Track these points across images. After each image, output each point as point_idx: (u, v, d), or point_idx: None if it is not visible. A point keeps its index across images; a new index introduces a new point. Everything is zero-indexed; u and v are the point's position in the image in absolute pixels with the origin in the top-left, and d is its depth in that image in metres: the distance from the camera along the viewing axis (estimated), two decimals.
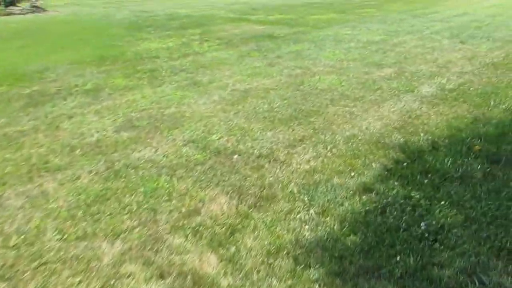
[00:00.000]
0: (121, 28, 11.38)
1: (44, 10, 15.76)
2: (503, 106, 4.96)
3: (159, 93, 5.75)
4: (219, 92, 5.75)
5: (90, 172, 3.52)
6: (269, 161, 3.68)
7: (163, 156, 3.79)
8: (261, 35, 10.03)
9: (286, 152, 3.86)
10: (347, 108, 5.00)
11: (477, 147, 3.79)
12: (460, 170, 3.40)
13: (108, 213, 2.93)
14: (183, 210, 2.96)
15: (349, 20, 12.34)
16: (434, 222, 2.75)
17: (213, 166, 3.60)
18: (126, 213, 2.93)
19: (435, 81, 6.08)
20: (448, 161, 3.54)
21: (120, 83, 6.23)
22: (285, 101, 5.30)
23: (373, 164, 3.57)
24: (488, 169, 3.42)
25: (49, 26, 12.10)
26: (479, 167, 3.45)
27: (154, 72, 6.78)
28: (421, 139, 4.07)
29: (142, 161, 3.70)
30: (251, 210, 2.96)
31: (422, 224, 2.72)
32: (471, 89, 5.68)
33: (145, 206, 3.00)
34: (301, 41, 9.13)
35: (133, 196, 3.14)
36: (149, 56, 7.87)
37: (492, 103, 5.06)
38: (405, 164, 3.55)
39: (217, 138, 4.18)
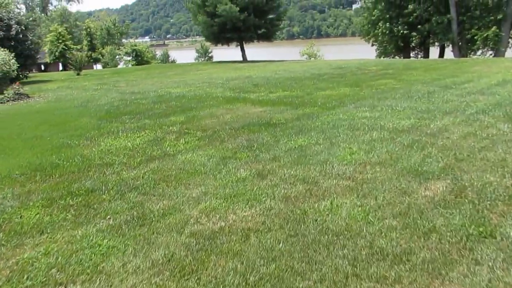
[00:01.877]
0: (95, 117, 9.52)
1: (28, 97, 14.25)
2: None
3: (76, 242, 3.59)
4: (169, 239, 3.56)
5: None
6: None
7: None
8: (257, 122, 8.00)
9: None
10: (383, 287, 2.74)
11: None
12: None
13: None
14: None
15: (366, 96, 10.33)
16: None
17: None
18: None
19: None
20: None
21: (31, 218, 4.11)
22: (273, 265, 3.06)
23: None
24: None
25: (12, 118, 10.34)
26: None
27: (91, 195, 4.66)
28: None
29: None
30: None
31: None
32: None
33: None
34: (307, 131, 7.04)
35: None
36: (101, 163, 5.81)
37: None
38: None
39: None
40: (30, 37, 20.84)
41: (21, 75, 21.20)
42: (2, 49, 15.54)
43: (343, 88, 11.98)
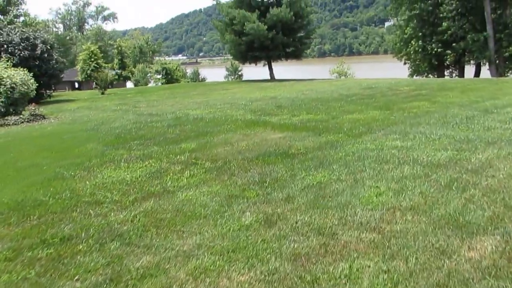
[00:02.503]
0: (102, 143, 8.98)
1: (44, 118, 13.98)
2: None
3: None
4: None
5: None
6: None
7: None
8: (274, 151, 7.22)
9: None
10: None
11: None
12: None
13: None
14: None
15: (397, 121, 9.42)
16: None
17: None
18: None
19: None
20: None
21: None
22: None
23: None
24: None
25: (18, 142, 9.94)
26: None
27: (65, 245, 3.98)
28: None
29: None
30: None
31: None
32: None
33: None
34: (328, 163, 6.21)
35: None
36: (90, 201, 5.15)
37: None
38: None
39: None
40: (55, 56, 20.86)
41: (45, 94, 21.24)
42: (21, 69, 15.40)
43: (372, 111, 11.08)
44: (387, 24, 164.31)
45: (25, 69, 15.32)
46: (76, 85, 58.56)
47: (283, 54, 31.27)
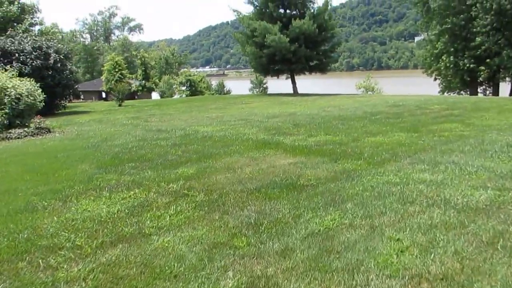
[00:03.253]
0: (95, 164, 8.19)
1: (49, 131, 13.39)
2: None
3: None
4: None
5: None
6: None
7: None
8: (280, 181, 6.24)
9: None
10: None
11: None
12: None
13: None
14: None
15: (425, 146, 8.29)
16: None
17: None
18: None
19: None
20: None
21: None
22: None
23: None
24: None
25: (8, 160, 9.24)
26: None
27: None
28: None
29: None
30: None
31: None
32: None
33: None
34: (341, 201, 5.19)
35: None
36: (47, 246, 4.27)
37: None
38: None
39: None
40: (69, 66, 20.46)
41: (59, 105, 20.84)
42: (28, 78, 14.91)
43: (398, 133, 9.96)
44: (417, 38, 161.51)
45: (31, 79, 14.79)
46: (103, 95, 58.92)
47: (306, 68, 30.27)
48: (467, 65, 30.18)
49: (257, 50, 28.65)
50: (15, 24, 23.94)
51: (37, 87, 14.44)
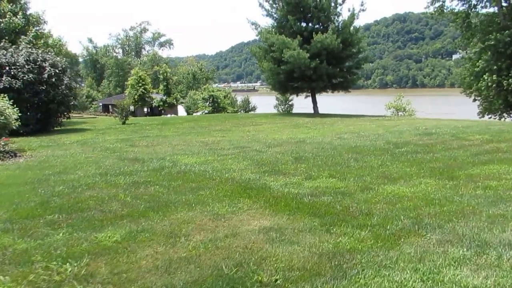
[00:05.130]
0: (13, 210, 6.12)
1: (15, 155, 11.49)
2: None
3: None
4: None
5: None
6: None
7: None
8: (226, 275, 3.92)
9: None
10: None
11: None
12: None
13: None
14: None
15: (464, 206, 5.76)
16: None
17: None
18: None
19: None
20: None
21: None
22: None
23: None
24: None
25: None
26: None
27: None
28: None
29: None
30: None
31: None
32: None
33: None
34: None
35: None
36: None
37: None
38: None
39: None
40: (65, 81, 18.75)
41: (54, 123, 19.18)
42: (2, 95, 13.13)
43: (427, 179, 7.43)
44: (455, 56, 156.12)
45: (5, 96, 12.99)
46: (132, 108, 57.98)
47: (328, 86, 27.72)
48: None
49: (275, 66, 26.34)
50: (19, 36, 22.61)
51: (10, 103, 12.61)
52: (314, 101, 29.72)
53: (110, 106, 65.89)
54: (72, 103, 19.88)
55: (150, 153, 11.31)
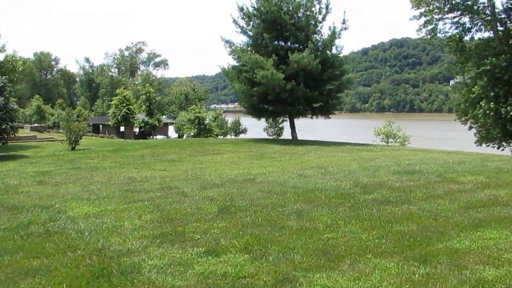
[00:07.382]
0: None
1: None
2: None
3: None
4: None
5: None
6: None
7: None
8: None
9: None
10: None
11: None
12: None
13: None
14: None
15: None
16: None
17: None
18: None
19: None
20: None
21: None
22: None
23: None
24: None
25: None
26: None
27: None
28: None
29: None
30: None
31: None
32: None
33: None
34: None
35: None
36: None
37: None
38: None
39: None
40: (1, 100, 16.26)
41: None
42: None
43: (386, 260, 4.85)
44: (452, 82, 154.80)
45: None
46: (123, 129, 55.46)
47: (307, 110, 25.18)
48: (510, 113, 24.64)
49: (247, 87, 23.86)
50: None
51: None
52: (292, 126, 27.10)
53: (100, 126, 63.58)
54: (4, 126, 17.29)
55: (45, 197, 8.71)
